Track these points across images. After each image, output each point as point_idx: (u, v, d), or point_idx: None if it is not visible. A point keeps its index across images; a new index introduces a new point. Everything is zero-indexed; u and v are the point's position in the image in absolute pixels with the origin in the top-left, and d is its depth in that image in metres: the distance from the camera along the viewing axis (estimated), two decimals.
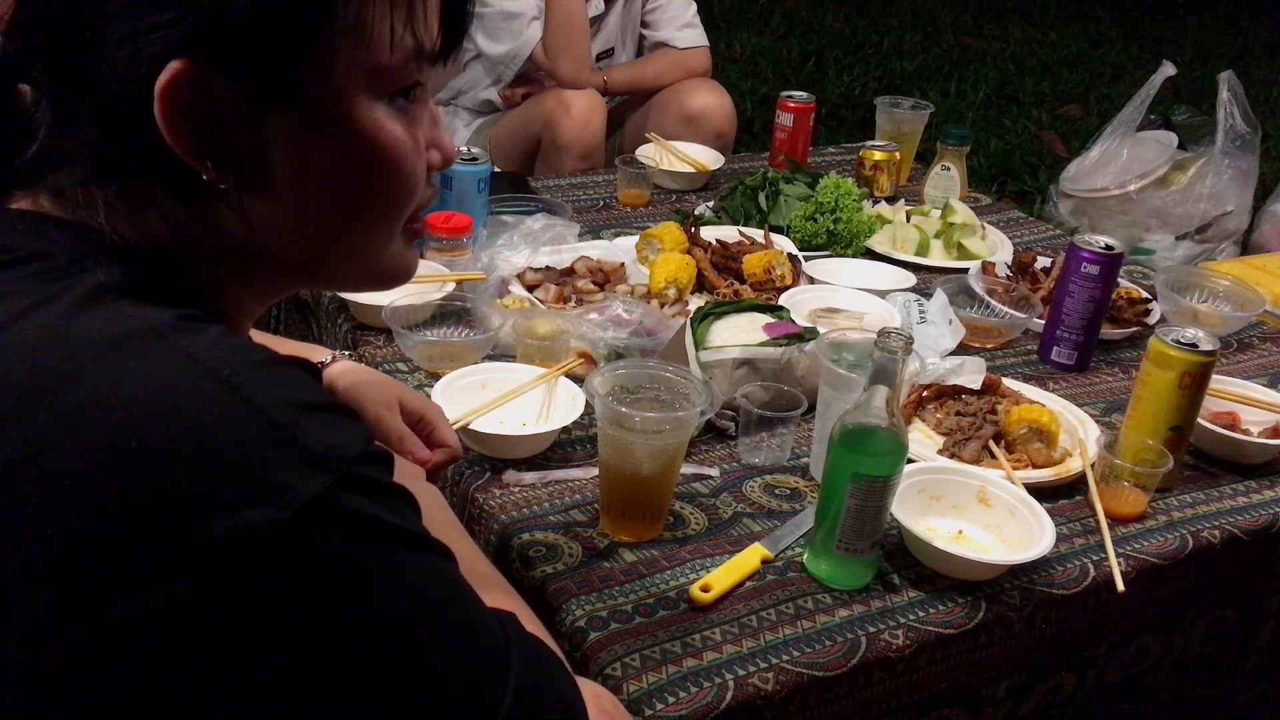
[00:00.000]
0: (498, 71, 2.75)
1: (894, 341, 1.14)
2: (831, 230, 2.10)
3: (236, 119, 0.65)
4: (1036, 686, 1.33)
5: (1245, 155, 3.23)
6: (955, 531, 1.33)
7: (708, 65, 2.91)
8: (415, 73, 0.70)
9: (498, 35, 2.68)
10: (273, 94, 0.65)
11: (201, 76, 0.63)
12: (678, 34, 2.87)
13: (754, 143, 3.84)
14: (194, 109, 0.63)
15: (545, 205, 2.10)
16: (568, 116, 2.59)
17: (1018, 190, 3.97)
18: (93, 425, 0.58)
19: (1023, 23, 6.37)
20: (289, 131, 0.66)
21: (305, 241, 0.71)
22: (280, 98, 0.65)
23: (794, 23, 5.78)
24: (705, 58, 2.92)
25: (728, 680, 1.09)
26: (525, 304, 1.72)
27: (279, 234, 0.70)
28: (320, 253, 0.73)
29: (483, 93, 2.86)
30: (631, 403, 1.25)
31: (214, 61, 0.63)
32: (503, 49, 2.69)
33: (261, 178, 0.67)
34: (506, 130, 2.79)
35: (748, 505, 1.37)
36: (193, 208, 0.68)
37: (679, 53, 2.87)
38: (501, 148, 2.78)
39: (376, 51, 0.66)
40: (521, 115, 2.76)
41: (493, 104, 2.86)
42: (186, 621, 0.58)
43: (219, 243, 0.70)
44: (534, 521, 1.29)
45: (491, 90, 2.84)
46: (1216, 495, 1.50)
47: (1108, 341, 1.88)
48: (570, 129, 2.59)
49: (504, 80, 2.76)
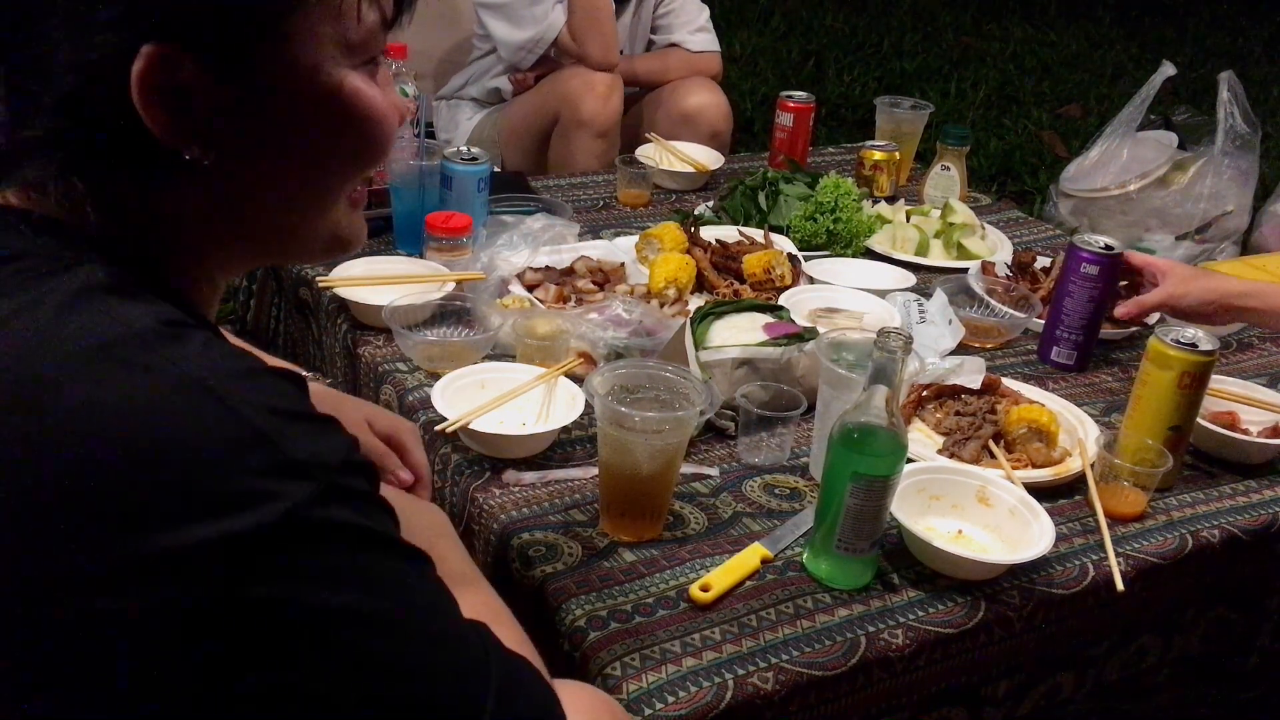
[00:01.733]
0: (518, 58, 2.73)
1: (894, 341, 1.14)
2: (831, 230, 2.10)
3: (216, 99, 0.66)
4: (1036, 686, 1.33)
5: (1245, 155, 3.23)
6: (955, 531, 1.33)
7: (719, 71, 2.92)
8: (381, 43, 0.73)
9: (522, 21, 2.67)
10: (253, 72, 0.66)
11: (175, 59, 0.63)
12: (690, 37, 2.88)
13: (754, 143, 3.84)
14: (171, 92, 0.64)
15: (545, 205, 2.10)
16: (591, 92, 2.59)
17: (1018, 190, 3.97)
18: (78, 435, 0.59)
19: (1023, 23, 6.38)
20: (271, 105, 0.68)
21: (280, 211, 0.73)
22: (260, 74, 0.66)
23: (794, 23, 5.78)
24: (718, 63, 2.93)
25: (727, 680, 1.09)
26: (525, 304, 1.72)
27: (257, 206, 0.72)
28: (292, 221, 0.75)
29: (490, 81, 2.85)
30: (631, 402, 1.25)
31: (189, 44, 0.63)
32: (527, 35, 2.68)
33: (244, 153, 0.69)
34: (520, 114, 2.77)
35: (747, 505, 1.37)
36: (164, 191, 0.68)
37: (694, 55, 2.87)
38: (515, 133, 2.77)
39: (346, 24, 0.69)
40: (535, 97, 2.75)
41: (499, 93, 2.85)
42: (168, 628, 0.58)
43: (193, 223, 0.70)
44: (534, 521, 1.29)
45: (500, 79, 2.83)
46: (1216, 495, 1.50)
47: (1108, 341, 1.88)
48: (592, 103, 2.59)
49: (522, 67, 2.75)
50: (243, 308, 2.09)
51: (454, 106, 2.91)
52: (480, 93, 2.88)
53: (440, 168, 1.88)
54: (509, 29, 2.69)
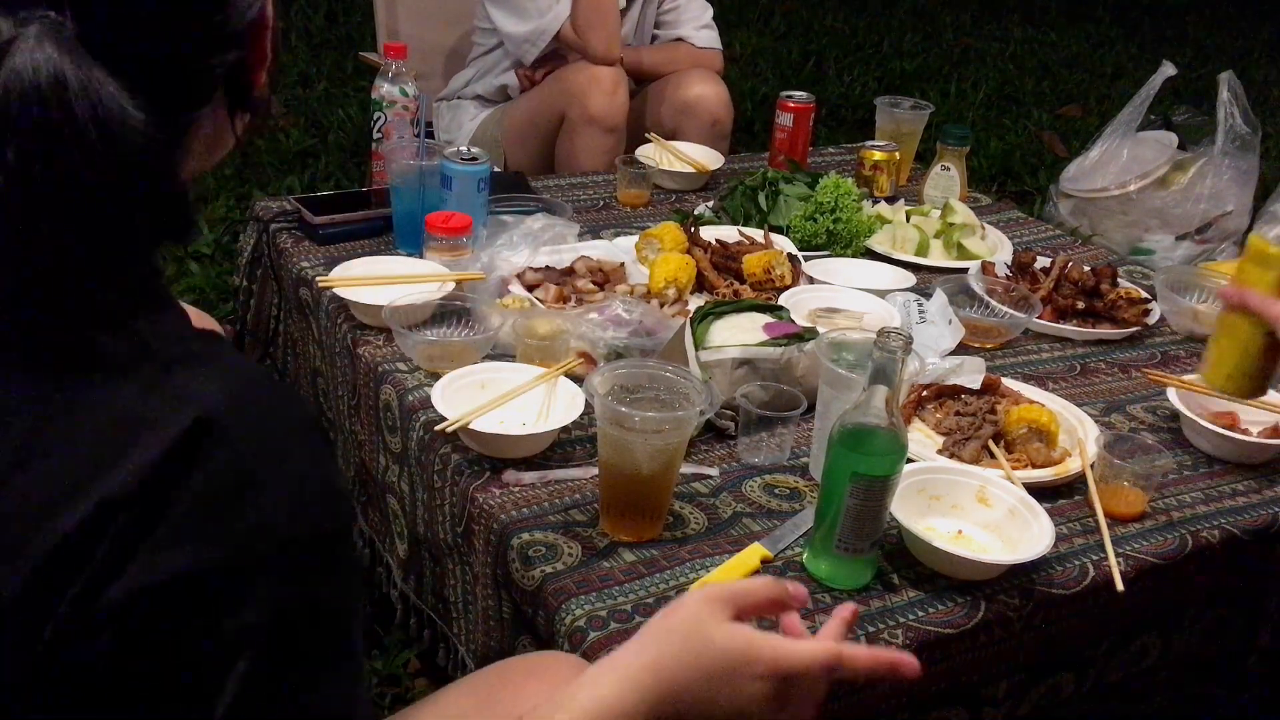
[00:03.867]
0: (521, 51, 2.72)
1: (893, 341, 1.14)
2: (831, 230, 2.10)
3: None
4: (1036, 686, 1.33)
5: (1245, 155, 3.23)
6: (955, 531, 1.33)
7: (721, 69, 2.92)
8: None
9: (525, 14, 2.66)
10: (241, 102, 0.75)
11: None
12: (695, 34, 2.89)
13: (754, 143, 3.83)
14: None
15: (545, 205, 2.10)
16: (597, 87, 2.58)
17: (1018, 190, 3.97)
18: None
19: (1023, 23, 6.37)
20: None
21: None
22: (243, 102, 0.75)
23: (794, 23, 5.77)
24: (720, 61, 2.93)
25: None
26: (525, 304, 1.72)
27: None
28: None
29: (497, 78, 2.84)
30: (631, 402, 1.25)
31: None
32: (528, 27, 2.67)
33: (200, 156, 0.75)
34: (524, 111, 2.76)
35: (747, 505, 1.37)
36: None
37: (698, 51, 2.88)
38: (519, 131, 2.76)
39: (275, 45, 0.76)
40: (540, 94, 2.73)
41: (506, 90, 2.85)
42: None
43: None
44: (534, 521, 1.29)
45: (506, 75, 2.82)
46: (1216, 495, 1.49)
47: (1108, 341, 1.88)
48: (600, 100, 2.58)
49: (526, 60, 2.75)
50: (243, 308, 2.09)
51: (455, 107, 2.90)
52: (486, 90, 2.86)
53: (440, 168, 1.88)
54: (513, 21, 2.68)
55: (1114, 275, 2.02)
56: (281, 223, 1.99)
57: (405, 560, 1.56)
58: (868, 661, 0.78)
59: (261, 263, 1.99)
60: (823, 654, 0.76)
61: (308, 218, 1.94)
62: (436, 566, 1.47)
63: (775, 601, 0.80)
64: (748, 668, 0.74)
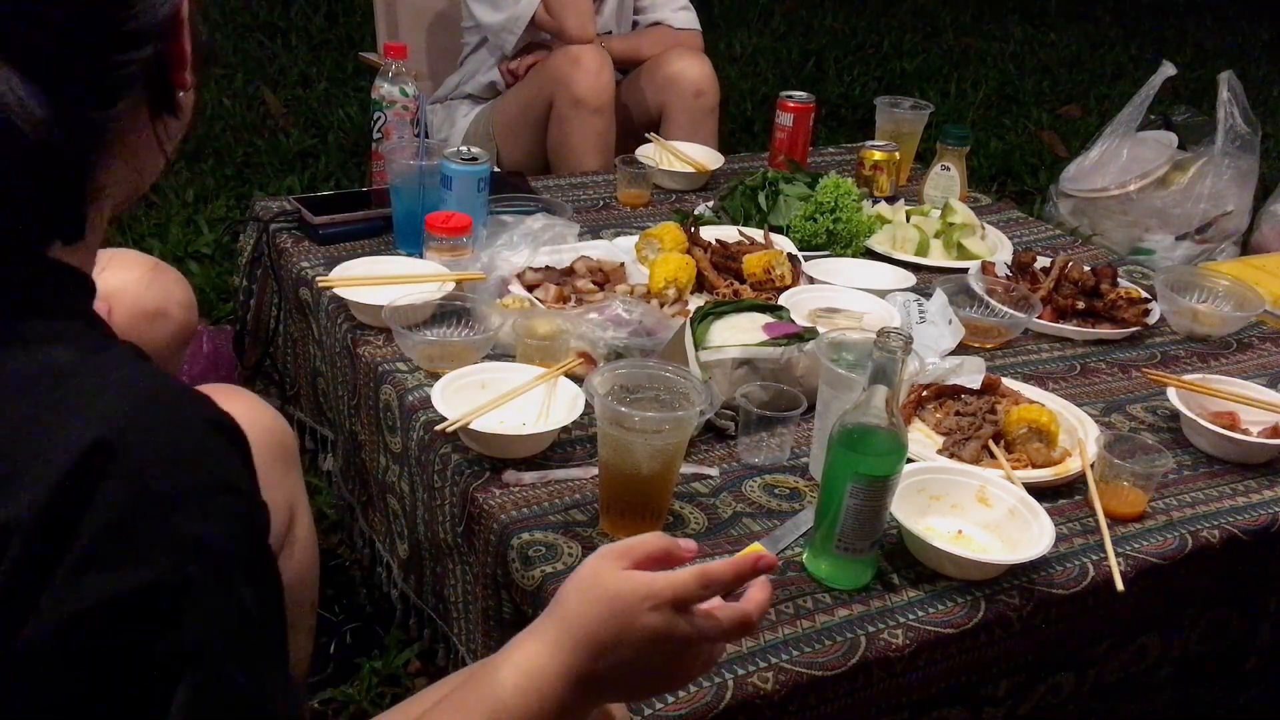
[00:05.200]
0: (501, 40, 2.73)
1: (893, 341, 1.14)
2: (831, 230, 2.10)
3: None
4: (1036, 686, 1.33)
5: (1245, 155, 3.23)
6: (955, 531, 1.33)
7: (701, 47, 2.93)
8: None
9: (499, 3, 2.68)
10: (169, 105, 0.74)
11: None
12: (673, 15, 2.91)
13: (754, 143, 3.83)
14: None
15: (545, 205, 2.10)
16: (579, 69, 2.58)
17: (1018, 190, 3.97)
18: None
19: (1023, 23, 6.37)
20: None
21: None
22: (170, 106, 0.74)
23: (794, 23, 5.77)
24: (699, 40, 2.94)
25: (727, 680, 1.09)
26: (525, 304, 1.72)
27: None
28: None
29: (484, 75, 2.85)
30: (631, 402, 1.25)
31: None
32: (503, 15, 2.68)
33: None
34: (514, 105, 2.76)
35: (747, 505, 1.37)
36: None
37: (674, 31, 2.90)
38: (510, 125, 2.76)
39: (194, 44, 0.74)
40: (526, 86, 2.74)
41: (494, 87, 2.85)
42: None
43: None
44: (534, 521, 1.29)
45: (493, 71, 2.83)
46: (1216, 495, 1.50)
47: (1108, 341, 1.88)
48: (584, 81, 2.58)
49: (505, 50, 2.75)
50: (243, 308, 2.09)
51: (449, 108, 2.91)
52: (475, 88, 2.87)
53: (440, 168, 1.88)
54: (489, 11, 2.70)
55: (1114, 275, 2.02)
56: (281, 223, 1.99)
57: (405, 560, 1.56)
58: (730, 567, 0.85)
59: (261, 263, 1.99)
60: (691, 572, 0.83)
61: (308, 218, 1.94)
62: (437, 566, 1.47)
63: (666, 551, 0.86)
64: (641, 603, 0.81)
